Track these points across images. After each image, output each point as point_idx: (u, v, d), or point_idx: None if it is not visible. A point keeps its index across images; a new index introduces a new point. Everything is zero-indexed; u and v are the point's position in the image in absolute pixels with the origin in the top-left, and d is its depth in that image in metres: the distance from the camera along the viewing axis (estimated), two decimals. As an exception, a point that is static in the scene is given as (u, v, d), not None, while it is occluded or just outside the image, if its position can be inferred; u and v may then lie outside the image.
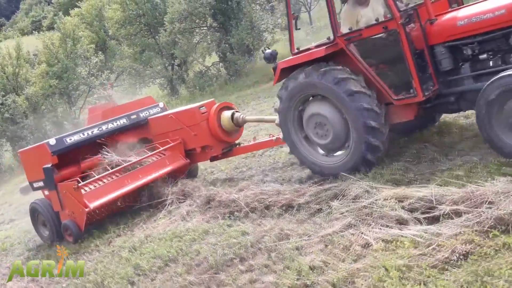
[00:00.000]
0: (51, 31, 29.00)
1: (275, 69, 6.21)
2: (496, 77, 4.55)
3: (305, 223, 4.92)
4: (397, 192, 4.47)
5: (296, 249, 4.38)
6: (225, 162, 8.75)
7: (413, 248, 3.68)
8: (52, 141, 7.50)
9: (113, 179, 7.35)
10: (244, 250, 4.74)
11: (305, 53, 5.82)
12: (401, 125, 5.99)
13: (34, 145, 8.76)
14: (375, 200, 4.53)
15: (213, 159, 8.40)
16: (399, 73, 5.34)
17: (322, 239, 4.41)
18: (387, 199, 4.44)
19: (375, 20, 5.31)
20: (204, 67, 21.63)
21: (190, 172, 8.41)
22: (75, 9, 29.79)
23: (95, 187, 7.16)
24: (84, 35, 24.49)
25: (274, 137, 7.46)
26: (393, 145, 6.19)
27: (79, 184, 6.94)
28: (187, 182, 7.49)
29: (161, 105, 9.08)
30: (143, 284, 4.91)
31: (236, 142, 8.38)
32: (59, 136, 7.89)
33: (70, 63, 20.71)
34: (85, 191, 6.99)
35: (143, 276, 5.11)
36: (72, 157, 7.82)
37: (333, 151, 5.94)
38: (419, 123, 6.24)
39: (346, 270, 3.71)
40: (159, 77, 23.41)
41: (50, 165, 7.31)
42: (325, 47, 5.56)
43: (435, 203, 4.05)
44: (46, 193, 7.77)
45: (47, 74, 20.99)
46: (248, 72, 19.97)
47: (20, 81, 23.85)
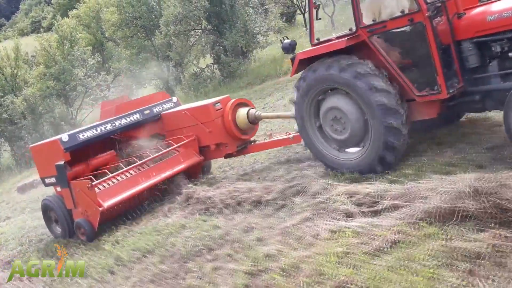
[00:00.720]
0: (49, 32, 29.55)
1: (293, 60, 6.08)
2: None
3: (271, 217, 5.41)
4: (349, 188, 4.97)
5: (258, 240, 4.88)
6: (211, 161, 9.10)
7: (354, 237, 4.18)
8: (64, 137, 7.30)
9: (126, 177, 7.29)
10: (212, 242, 5.25)
11: (325, 44, 5.69)
12: (420, 122, 5.81)
13: (46, 140, 8.67)
14: (330, 196, 5.04)
15: (227, 156, 8.36)
16: (423, 68, 5.16)
17: (281, 231, 4.91)
18: (339, 195, 4.94)
19: (400, 12, 5.13)
20: (198, 69, 22.14)
21: (202, 168, 8.40)
22: (73, 10, 30.46)
23: (109, 185, 7.10)
24: (82, 36, 25.07)
25: (291, 135, 7.43)
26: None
27: (93, 183, 6.88)
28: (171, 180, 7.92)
29: (175, 99, 8.96)
30: (122, 273, 5.43)
31: (251, 139, 8.30)
32: (71, 132, 7.75)
33: (67, 65, 21.24)
34: (99, 189, 6.95)
35: (122, 266, 5.63)
36: (85, 153, 7.71)
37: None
38: (440, 121, 6.07)
39: (295, 257, 4.21)
40: (155, 79, 23.94)
41: (62, 162, 7.17)
42: (346, 38, 5.41)
43: (378, 198, 4.54)
44: (58, 189, 7.68)
45: (45, 75, 21.53)
46: (241, 74, 20.48)
47: (18, 82, 24.48)
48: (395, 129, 5.21)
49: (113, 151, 8.07)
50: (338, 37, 5.71)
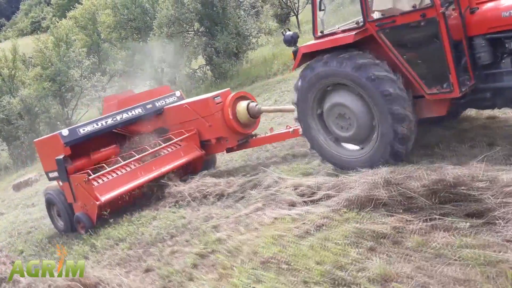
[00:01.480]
0: (48, 32, 30.27)
1: (295, 53, 5.92)
2: None
3: (229, 208, 6.07)
4: (295, 181, 5.62)
5: (213, 227, 5.54)
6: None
7: (290, 223, 4.82)
8: (64, 132, 7.37)
9: (126, 171, 7.33)
10: (175, 230, 5.92)
11: (331, 38, 5.53)
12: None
13: (48, 135, 8.74)
14: (279, 188, 5.68)
15: (229, 151, 8.36)
16: (435, 65, 5.04)
17: (235, 219, 5.56)
18: (287, 187, 5.59)
19: (412, 6, 5.00)
20: (191, 70, 22.82)
21: (208, 163, 8.49)
22: (71, 11, 31.24)
23: (107, 179, 7.15)
24: (78, 38, 25.82)
25: (291, 129, 7.44)
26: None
27: (90, 176, 6.96)
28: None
29: (178, 93, 8.95)
30: (94, 257, 6.11)
31: (252, 133, 8.27)
32: (72, 126, 7.81)
33: (63, 66, 21.97)
34: (98, 183, 7.03)
35: (95, 252, 6.31)
36: (87, 147, 7.79)
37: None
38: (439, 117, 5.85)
39: (240, 240, 4.86)
40: (150, 79, 24.61)
41: (62, 157, 7.23)
42: (354, 32, 5.25)
43: (316, 190, 5.19)
44: (60, 183, 7.79)
45: (41, 76, 22.26)
46: (233, 75, 21.14)
47: (16, 83, 25.26)
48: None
49: (115, 145, 8.18)
50: (343, 31, 5.53)
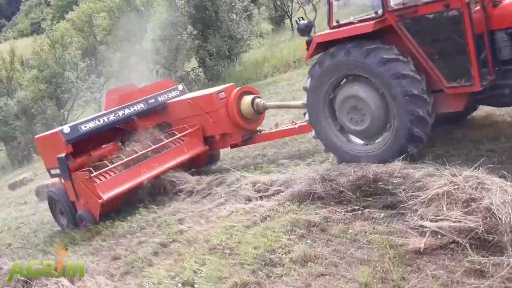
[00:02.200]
0: (44, 34, 31.00)
1: (309, 43, 5.84)
2: None
3: (196, 203, 6.68)
4: (254, 179, 6.23)
5: (178, 220, 6.15)
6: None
7: (244, 215, 5.43)
8: (66, 129, 7.24)
9: (128, 168, 7.26)
10: (146, 223, 6.53)
11: (348, 27, 5.47)
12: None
13: (49, 131, 8.60)
14: (240, 185, 6.30)
15: (233, 147, 8.34)
16: (456, 58, 4.96)
17: (199, 213, 6.17)
18: (247, 184, 6.20)
19: None
20: (184, 72, 23.45)
21: (212, 157, 8.53)
22: (69, 13, 32.02)
23: (110, 176, 7.10)
24: (75, 40, 26.52)
25: (296, 125, 7.41)
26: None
27: (92, 174, 6.92)
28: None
29: (180, 87, 8.88)
30: (72, 248, 6.74)
31: (257, 129, 8.25)
32: (73, 123, 7.69)
33: (58, 68, 22.65)
34: (100, 180, 7.01)
35: (74, 244, 6.94)
36: (90, 143, 7.73)
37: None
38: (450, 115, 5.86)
39: (197, 231, 5.47)
40: (145, 81, 25.28)
41: (63, 155, 7.14)
42: (373, 22, 5.17)
43: (270, 186, 5.80)
44: (62, 181, 7.73)
45: (37, 79, 22.95)
46: (225, 77, 21.75)
47: (13, 84, 25.97)
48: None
49: (116, 142, 8.16)
50: (361, 21, 5.48)
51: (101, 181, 7.01)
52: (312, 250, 4.11)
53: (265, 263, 4.14)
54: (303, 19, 6.36)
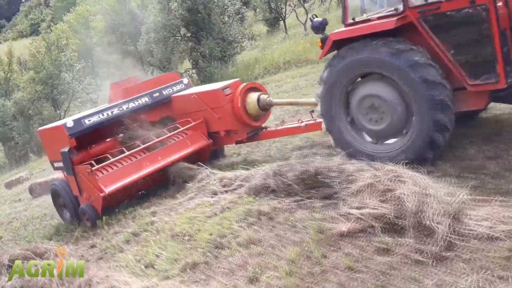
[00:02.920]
0: (40, 35, 31.68)
1: (324, 40, 5.79)
2: None
3: (169, 198, 7.27)
4: (221, 175, 6.82)
5: (151, 213, 6.75)
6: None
7: (208, 207, 6.03)
8: (69, 123, 7.20)
9: (131, 161, 7.28)
10: (123, 216, 7.12)
11: (367, 24, 5.40)
12: None
13: (53, 124, 8.63)
14: (209, 180, 6.90)
15: (238, 143, 8.35)
16: (480, 55, 4.93)
17: (170, 207, 6.77)
18: (215, 180, 6.80)
19: None
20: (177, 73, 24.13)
21: (216, 152, 8.54)
22: (67, 14, 32.73)
23: (112, 169, 7.11)
24: (72, 42, 27.21)
25: (303, 123, 7.33)
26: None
27: (93, 168, 6.93)
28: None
29: (185, 81, 8.82)
30: (56, 239, 7.35)
31: (262, 126, 8.21)
32: (77, 117, 7.63)
33: (54, 70, 23.33)
34: (102, 174, 7.02)
35: (58, 235, 7.56)
36: (94, 137, 7.73)
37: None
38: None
39: (166, 222, 6.08)
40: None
41: (67, 149, 7.13)
42: (395, 19, 5.12)
43: (233, 181, 6.40)
44: (65, 174, 7.74)
45: (34, 80, 23.64)
46: (218, 78, 22.37)
47: (11, 85, 26.69)
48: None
49: (118, 136, 8.11)
50: (379, 17, 5.43)
51: (103, 174, 7.02)
52: (256, 234, 4.72)
53: (215, 247, 4.75)
54: (317, 16, 6.27)
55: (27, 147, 24.36)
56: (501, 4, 4.99)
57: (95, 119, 7.50)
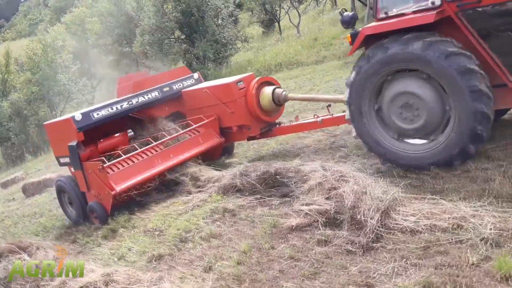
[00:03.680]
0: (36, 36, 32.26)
1: (354, 35, 5.63)
2: None
3: (146, 196, 7.75)
4: (196, 176, 7.30)
5: (130, 211, 7.24)
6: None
7: (181, 205, 6.53)
8: (78, 116, 7.07)
9: (142, 158, 7.10)
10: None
11: (402, 18, 5.18)
12: None
13: (60, 118, 8.42)
14: (185, 180, 7.40)
15: (250, 139, 8.16)
16: None
17: (148, 205, 7.28)
18: (191, 180, 7.29)
19: None
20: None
21: (226, 148, 8.42)
22: (65, 15, 33.34)
23: (123, 167, 6.93)
24: (68, 44, 27.78)
25: (319, 119, 7.14)
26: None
27: (105, 164, 6.76)
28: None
29: (196, 76, 8.71)
30: (42, 235, 7.87)
31: (276, 121, 8.04)
32: (85, 110, 7.50)
33: (50, 71, 23.91)
34: (113, 171, 6.81)
35: (45, 231, 8.08)
36: (100, 132, 7.62)
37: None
38: None
39: (142, 219, 6.57)
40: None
41: (75, 143, 6.99)
42: (433, 12, 4.92)
43: (206, 182, 6.89)
44: (72, 170, 7.58)
45: (30, 81, 24.22)
46: (211, 79, 22.89)
47: (8, 86, 27.28)
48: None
49: (127, 131, 8.04)
50: (415, 11, 5.21)
51: (114, 171, 6.83)
52: (218, 229, 5.23)
53: (180, 240, 5.27)
54: (346, 10, 6.08)
55: (23, 148, 24.92)
56: None
57: (104, 112, 7.36)
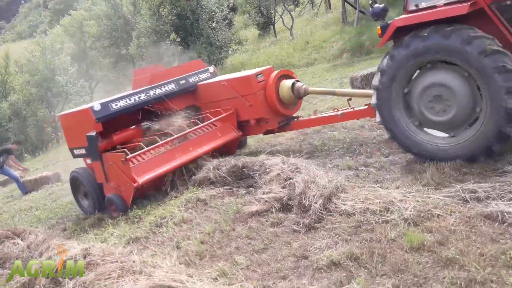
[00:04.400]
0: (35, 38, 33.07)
1: (384, 27, 5.60)
2: None
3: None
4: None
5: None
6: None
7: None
8: (96, 106, 7.08)
9: (163, 151, 7.14)
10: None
11: (434, 10, 5.12)
12: None
13: (76, 108, 8.51)
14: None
15: (267, 133, 8.13)
16: None
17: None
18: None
19: None
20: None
21: (239, 142, 8.42)
22: (64, 18, 34.16)
23: (143, 159, 6.94)
24: (66, 46, 28.60)
25: (339, 112, 7.09)
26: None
27: (128, 156, 6.70)
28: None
29: (211, 69, 8.77)
30: (36, 226, 8.60)
31: (294, 115, 8.00)
32: (103, 101, 7.46)
33: (49, 73, 24.69)
34: (133, 163, 6.80)
35: (39, 222, 8.80)
36: (119, 123, 7.65)
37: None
38: None
39: (147, 211, 7.28)
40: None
41: (94, 133, 7.00)
42: (466, 4, 4.85)
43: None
44: (88, 161, 7.57)
45: (29, 83, 25.01)
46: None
47: (7, 87, 28.08)
48: None
49: (141, 124, 8.12)
50: (446, 4, 5.14)
51: (134, 164, 6.82)
52: (190, 216, 5.94)
53: (156, 225, 5.98)
54: (376, 2, 6.05)
55: (22, 148, 25.66)
56: None
57: (122, 103, 7.38)
